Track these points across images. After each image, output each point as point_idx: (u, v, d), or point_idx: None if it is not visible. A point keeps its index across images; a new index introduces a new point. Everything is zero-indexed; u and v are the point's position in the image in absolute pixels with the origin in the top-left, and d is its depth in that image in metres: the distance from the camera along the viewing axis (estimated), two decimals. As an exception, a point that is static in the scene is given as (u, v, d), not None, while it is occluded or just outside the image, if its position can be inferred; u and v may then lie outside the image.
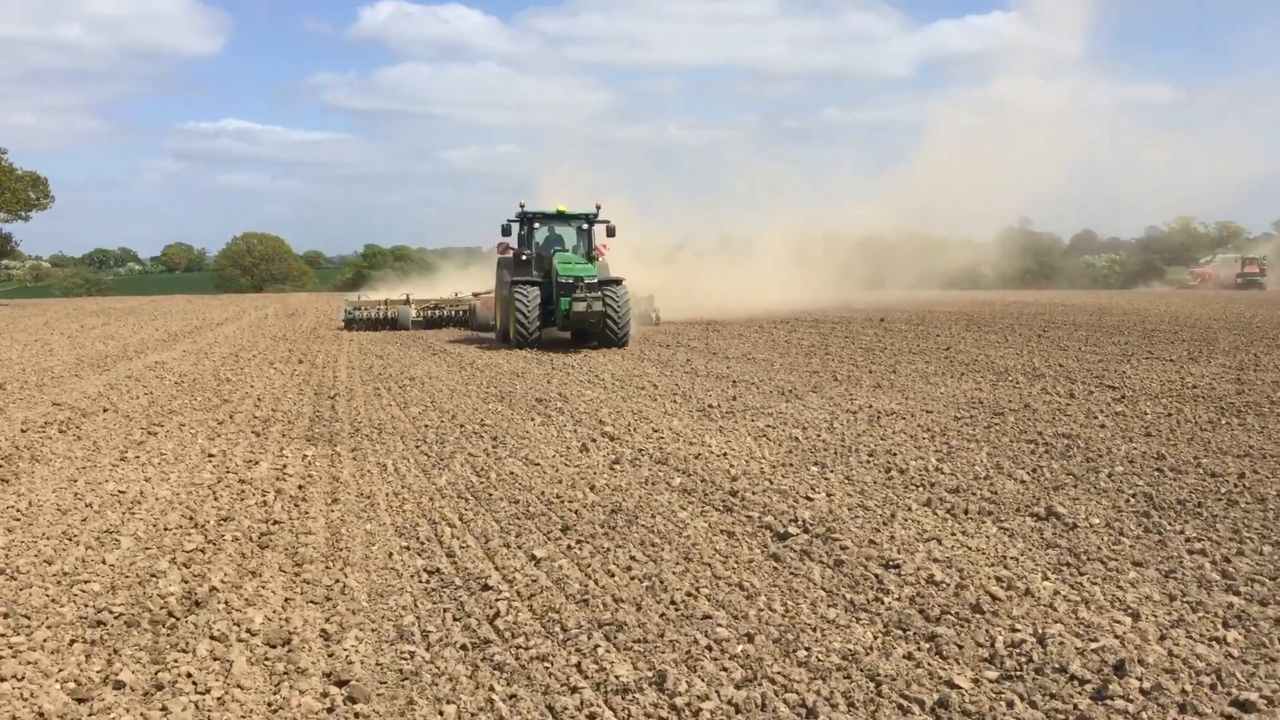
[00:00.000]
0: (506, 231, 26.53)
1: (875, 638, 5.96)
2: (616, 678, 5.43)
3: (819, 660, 5.62)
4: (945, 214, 65.82)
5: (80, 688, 5.31)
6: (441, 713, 5.17)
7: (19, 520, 8.64)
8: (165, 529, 8.47)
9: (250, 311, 46.87)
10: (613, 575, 7.22)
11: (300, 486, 10.19)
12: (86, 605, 6.55)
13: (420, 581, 7.31)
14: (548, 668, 5.66)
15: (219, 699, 5.21)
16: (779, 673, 5.47)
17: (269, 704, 5.25)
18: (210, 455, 11.68)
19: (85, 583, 6.96)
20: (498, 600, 6.72)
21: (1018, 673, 5.37)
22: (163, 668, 5.58)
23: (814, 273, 50.12)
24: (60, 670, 5.54)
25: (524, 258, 26.16)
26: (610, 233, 26.11)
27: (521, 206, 26.50)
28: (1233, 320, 31.71)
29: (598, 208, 26.56)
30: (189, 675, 5.44)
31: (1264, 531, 7.93)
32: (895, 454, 11.34)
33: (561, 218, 26.60)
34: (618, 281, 25.26)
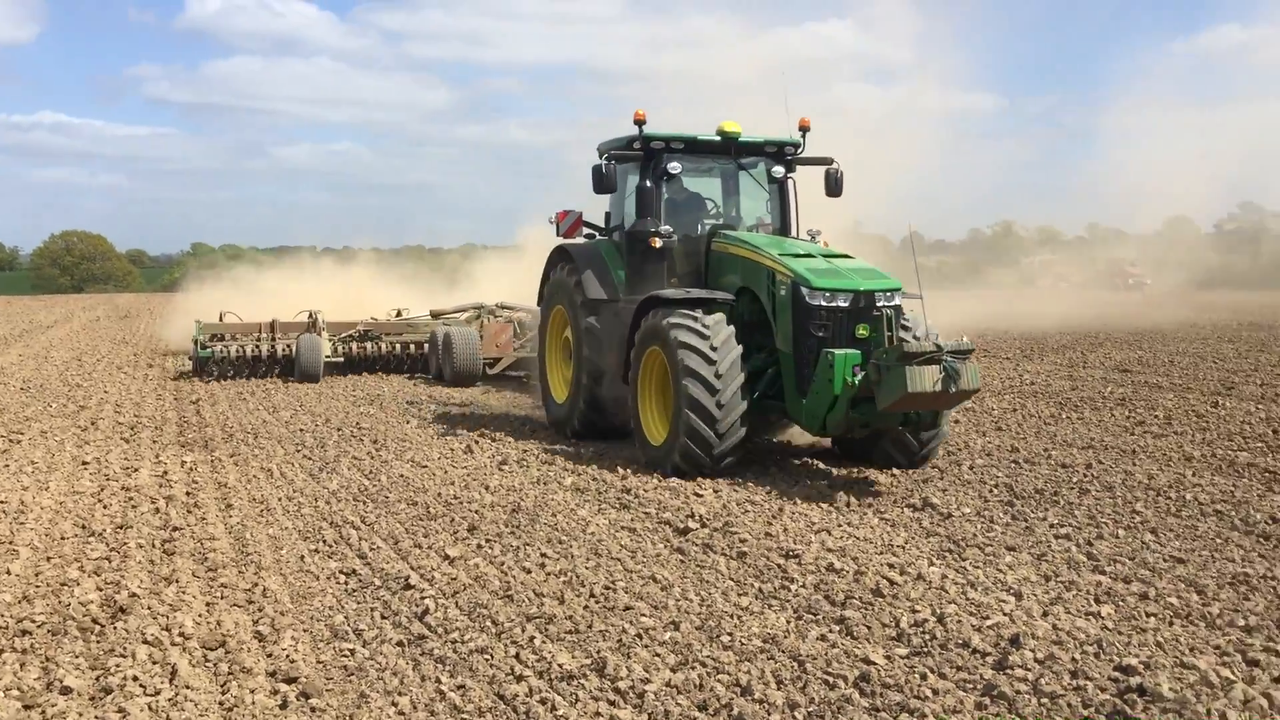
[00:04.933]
0: (600, 181, 11.92)
1: (789, 622, 6.40)
2: (560, 666, 5.71)
3: (743, 644, 6.02)
4: None
5: (25, 695, 5.29)
6: (395, 704, 5.37)
7: (-101, 532, 8.34)
8: (62, 538, 8.32)
9: (79, 314, 44.83)
10: (529, 572, 7.48)
11: (189, 493, 10.08)
12: (4, 615, 6.45)
13: (339, 583, 7.42)
14: (489, 659, 5.90)
15: (171, 700, 5.28)
16: (709, 656, 5.84)
17: (220, 703, 5.34)
18: (84, 463, 11.39)
19: (-7, 593, 6.83)
20: (423, 598, 6.90)
21: (925, 649, 5.88)
22: (105, 672, 5.59)
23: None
24: (-4, 679, 5.50)
25: (655, 243, 11.83)
26: (834, 188, 12.53)
27: (639, 124, 11.99)
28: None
29: (804, 130, 12.48)
30: (135, 679, 5.47)
31: (1116, 517, 8.73)
32: (771, 452, 11.90)
33: (727, 148, 12.34)
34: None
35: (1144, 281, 41.07)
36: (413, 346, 20.59)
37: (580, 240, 13.21)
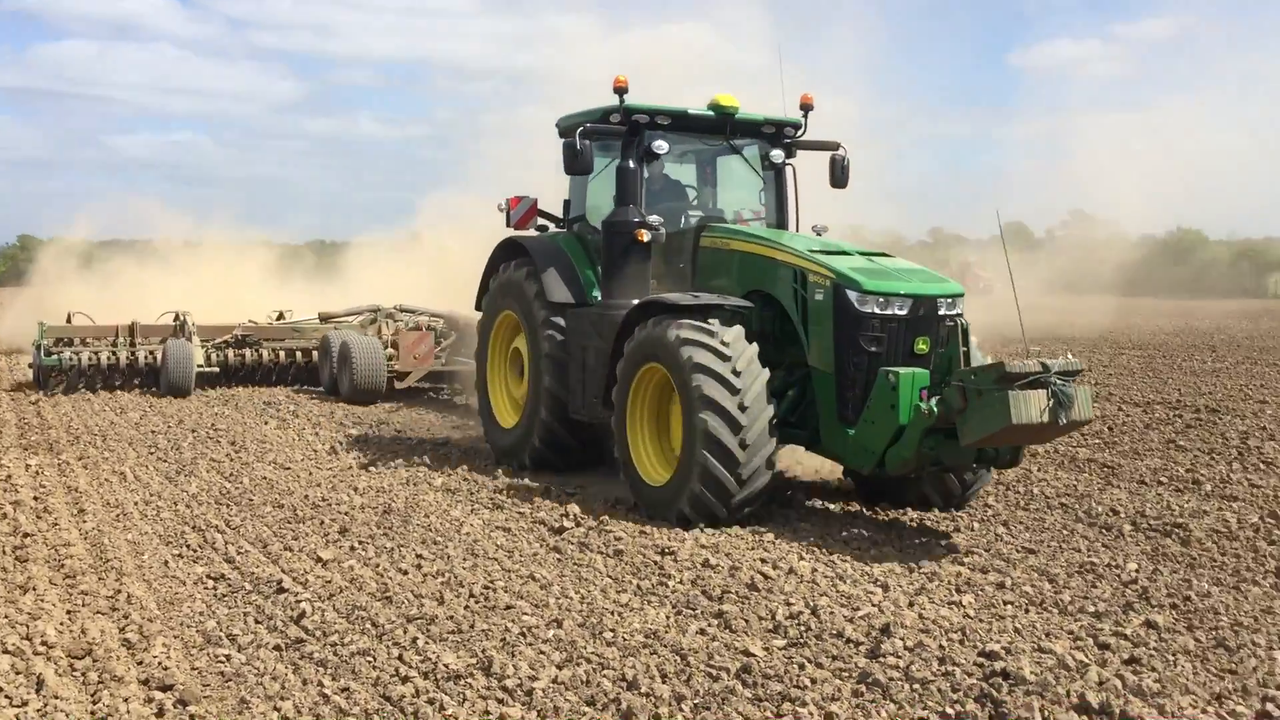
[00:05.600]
0: (575, 160, 10.11)
1: (669, 617, 6.53)
2: (446, 666, 5.70)
3: (625, 640, 6.12)
4: None
5: (-121, 711, 5.02)
6: (278, 708, 5.27)
7: None
8: (-99, 545, 7.86)
9: (-105, 309, 42.09)
10: (406, 573, 7.42)
11: (37, 498, 9.65)
12: None
13: (207, 588, 7.22)
14: (372, 661, 5.85)
15: (40, 710, 5.07)
16: (593, 653, 5.92)
17: (93, 712, 5.16)
18: (-81, 467, 10.77)
19: None
20: (299, 601, 6.78)
21: (801, 640, 6.08)
22: (-36, 685, 5.34)
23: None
24: None
25: (642, 237, 9.86)
26: (840, 177, 10.92)
27: (620, 92, 10.05)
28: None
29: (806, 109, 10.82)
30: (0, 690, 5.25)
31: (970, 510, 9.17)
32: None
33: (721, 125, 10.53)
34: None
35: (993, 285, 42.92)
36: (299, 355, 18.11)
37: (532, 233, 11.33)
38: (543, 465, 10.73)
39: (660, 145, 10.03)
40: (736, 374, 8.37)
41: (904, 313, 8.53)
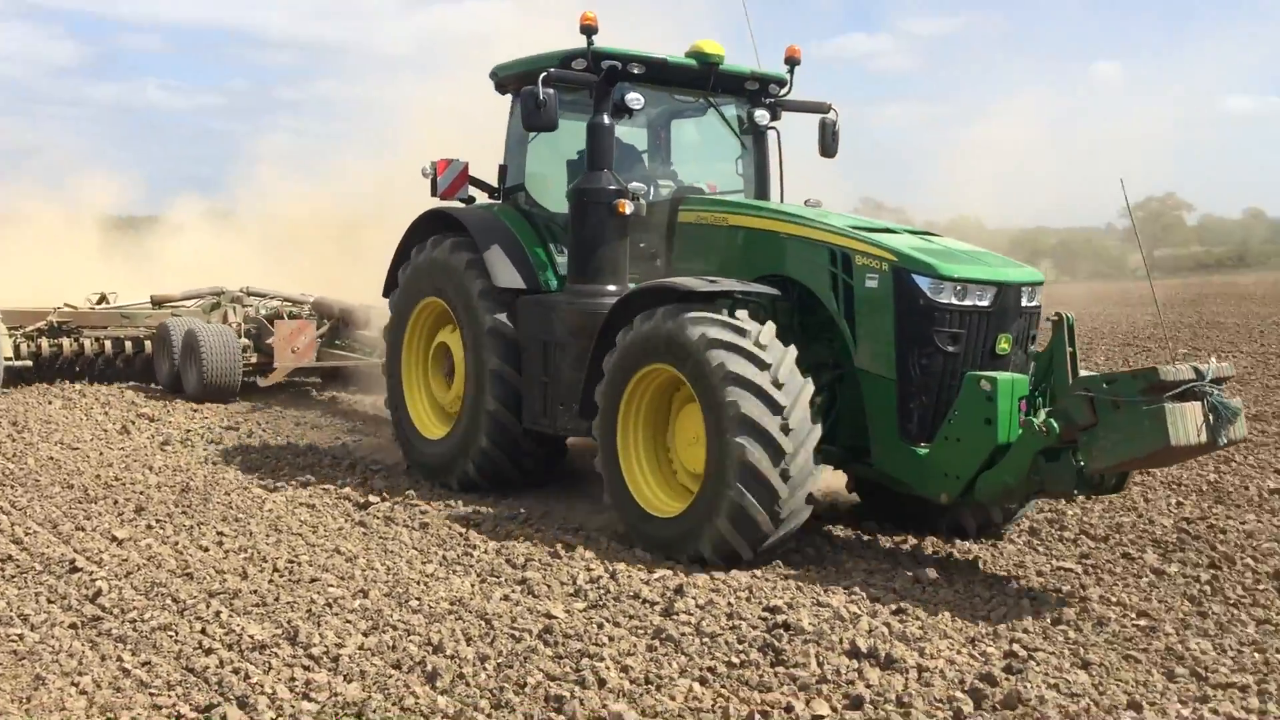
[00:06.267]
0: (537, 112, 8.20)
1: (474, 586, 6.74)
2: (250, 637, 5.75)
3: (431, 608, 6.29)
4: None
5: None
6: (75, 683, 5.23)
7: None
8: None
9: None
10: (206, 550, 7.38)
11: None
12: None
13: (-7, 569, 7.00)
14: (174, 635, 5.84)
15: None
16: (399, 620, 6.08)
17: (-126, 697, 5.01)
18: None
19: None
20: (94, 580, 6.67)
21: (601, 602, 6.39)
22: None
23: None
24: None
25: (623, 208, 8.30)
26: (830, 144, 9.62)
27: (587, 32, 8.47)
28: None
29: (792, 64, 9.36)
30: None
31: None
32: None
33: (704, 77, 8.91)
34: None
35: None
36: (129, 345, 15.23)
37: (457, 204, 9.51)
38: (482, 485, 8.99)
39: (635, 99, 8.40)
40: (779, 386, 6.83)
41: (986, 304, 7.13)
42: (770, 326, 7.15)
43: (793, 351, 7.04)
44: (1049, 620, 6.15)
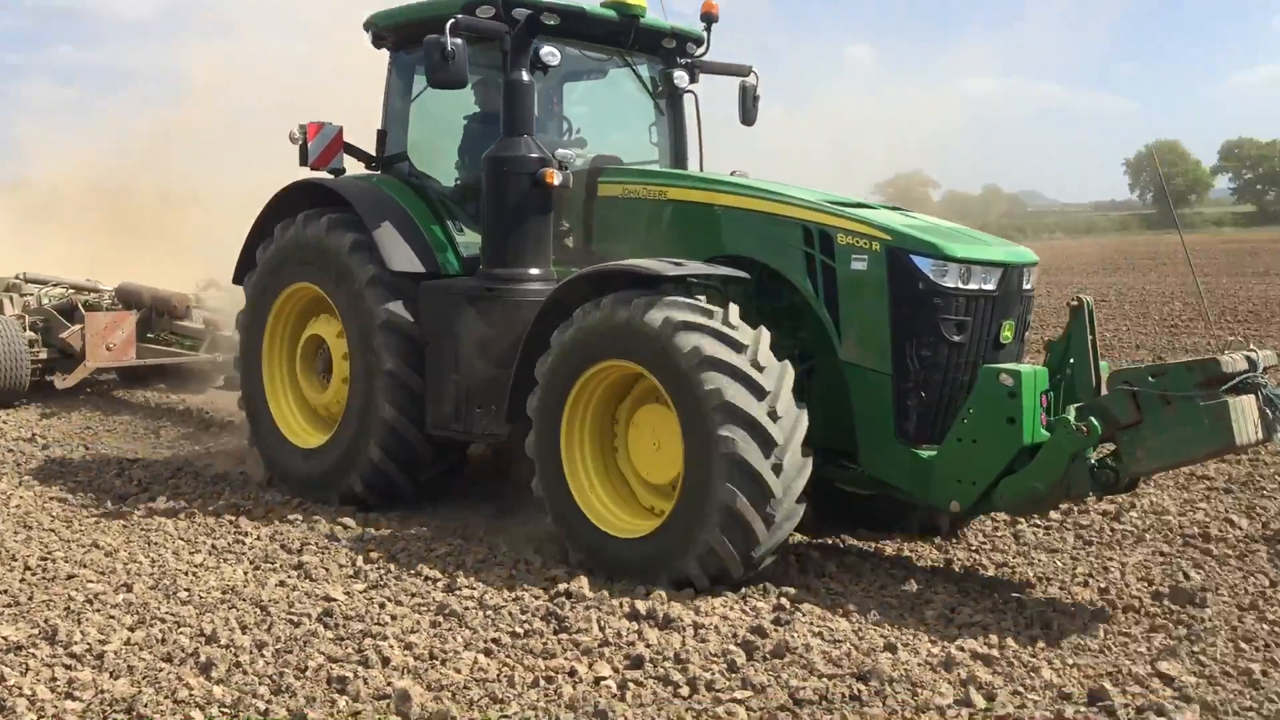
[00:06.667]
0: (444, 66, 7.00)
1: (247, 573, 6.55)
2: (4, 639, 5.41)
3: (202, 598, 6.09)
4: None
5: None
6: None
7: None
8: None
9: None
10: (-56, 551, 6.88)
11: None
12: None
13: None
14: (-87, 644, 5.44)
15: None
16: (168, 612, 5.85)
17: None
18: None
19: None
20: None
21: (382, 582, 6.34)
22: None
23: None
24: None
25: (551, 179, 7.31)
26: (750, 109, 8.71)
27: None
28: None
29: (708, 21, 8.31)
30: None
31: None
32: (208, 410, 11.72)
33: (625, 30, 7.91)
34: None
35: None
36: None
37: (326, 175, 8.25)
38: (370, 501, 7.82)
39: (551, 53, 7.39)
40: (759, 368, 5.96)
41: (991, 288, 6.35)
42: (735, 308, 6.21)
43: (766, 333, 6.15)
44: (813, 574, 6.52)
